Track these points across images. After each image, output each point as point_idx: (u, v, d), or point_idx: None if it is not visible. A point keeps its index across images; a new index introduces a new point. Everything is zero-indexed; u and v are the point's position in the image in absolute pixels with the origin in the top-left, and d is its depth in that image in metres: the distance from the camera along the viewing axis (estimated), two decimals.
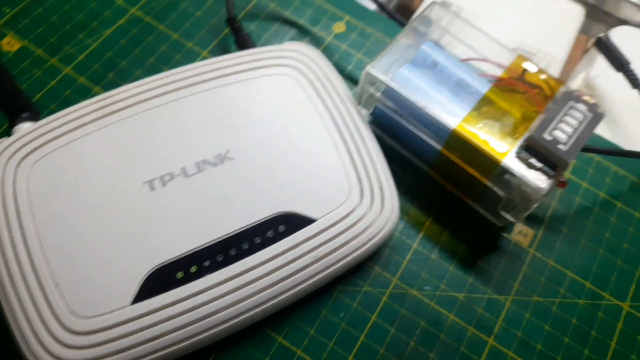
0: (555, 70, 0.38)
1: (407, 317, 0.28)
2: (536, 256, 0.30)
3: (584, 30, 0.46)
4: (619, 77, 0.36)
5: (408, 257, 0.30)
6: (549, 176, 0.26)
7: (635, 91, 0.35)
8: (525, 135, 0.27)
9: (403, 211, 0.31)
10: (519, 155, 0.27)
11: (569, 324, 0.29)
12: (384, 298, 0.28)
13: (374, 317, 0.28)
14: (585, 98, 0.28)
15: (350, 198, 0.27)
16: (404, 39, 0.30)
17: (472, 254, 0.30)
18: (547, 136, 0.26)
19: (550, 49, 0.38)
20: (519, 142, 0.27)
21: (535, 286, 0.30)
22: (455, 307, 0.29)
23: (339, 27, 0.35)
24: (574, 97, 0.27)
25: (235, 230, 0.25)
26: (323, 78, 0.30)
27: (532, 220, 0.31)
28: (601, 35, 0.37)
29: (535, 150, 0.26)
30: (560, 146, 0.26)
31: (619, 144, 0.36)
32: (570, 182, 0.33)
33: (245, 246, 0.25)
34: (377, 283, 0.29)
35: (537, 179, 0.26)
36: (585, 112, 0.27)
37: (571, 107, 0.27)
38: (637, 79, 0.35)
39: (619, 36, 0.41)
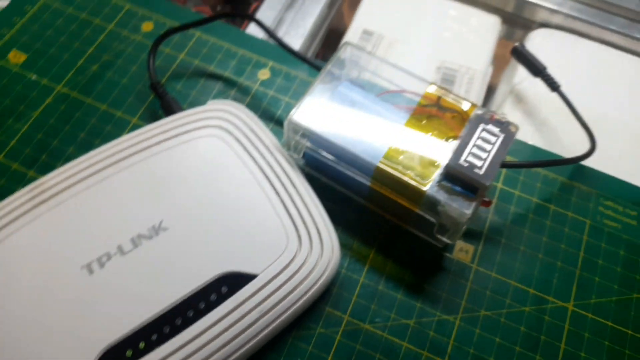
0: (478, 83, 0.39)
1: (362, 352, 0.29)
2: (479, 271, 0.31)
3: (506, 37, 0.47)
4: (540, 82, 0.38)
5: (356, 292, 0.30)
6: (472, 200, 0.27)
7: (555, 94, 0.37)
8: (444, 163, 0.28)
9: (346, 247, 0.32)
10: (440, 184, 0.28)
11: (518, 333, 0.30)
12: (338, 337, 0.29)
13: (330, 357, 0.29)
14: (497, 117, 0.29)
15: (289, 247, 0.28)
16: (321, 83, 0.31)
17: (417, 279, 0.31)
18: (463, 162, 0.27)
19: (472, 62, 0.40)
20: (439, 170, 0.28)
21: (481, 301, 0.31)
22: (407, 334, 0.30)
23: (264, 74, 0.36)
24: (485, 119, 0.29)
25: (179, 300, 0.26)
26: (249, 132, 0.30)
27: (471, 236, 0.32)
28: (516, 44, 0.38)
29: (454, 177, 0.27)
30: (476, 170, 0.27)
31: (547, 147, 0.37)
32: (502, 192, 0.34)
33: (191, 313, 0.26)
34: (330, 323, 0.29)
35: (461, 205, 0.27)
36: (497, 132, 0.28)
37: (483, 130, 0.28)
38: (554, 83, 0.37)
39: (541, 38, 0.43)
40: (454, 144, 0.29)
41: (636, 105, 0.40)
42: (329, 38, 0.45)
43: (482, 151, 0.28)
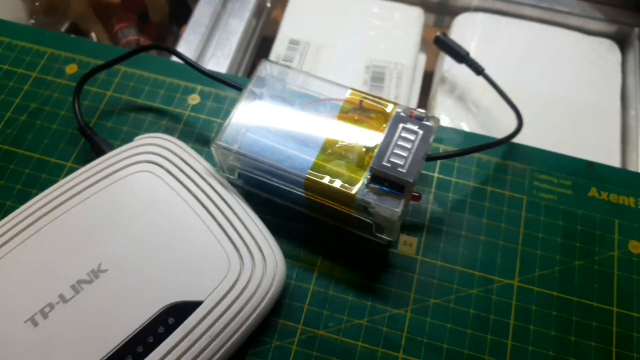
0: (407, 77, 0.40)
1: (319, 358, 0.30)
2: (424, 261, 0.32)
3: (436, 25, 0.48)
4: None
5: (307, 300, 0.31)
6: (400, 198, 0.28)
7: (480, 77, 0.38)
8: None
9: (293, 258, 0.32)
10: (368, 186, 0.28)
11: (468, 316, 0.31)
12: (294, 347, 0.30)
13: None
14: (417, 114, 0.30)
15: (231, 269, 0.29)
16: (243, 104, 0.31)
17: (366, 279, 0.32)
18: (386, 163, 0.28)
19: (399, 57, 0.41)
20: (367, 173, 0.29)
21: (429, 290, 0.32)
22: (361, 334, 0.30)
23: (194, 99, 0.37)
24: (404, 118, 0.29)
25: (126, 338, 0.26)
26: (179, 162, 0.31)
27: (414, 228, 0.33)
28: (438, 34, 0.39)
29: (379, 178, 0.28)
30: (400, 169, 0.28)
31: (482, 129, 0.38)
32: (439, 181, 0.35)
33: (140, 349, 0.26)
34: (284, 334, 0.30)
35: (390, 204, 0.28)
36: (416, 129, 0.29)
37: (403, 129, 0.29)
38: (478, 67, 0.38)
39: (465, 22, 0.44)
40: (378, 146, 0.29)
41: (562, 75, 0.41)
42: (265, 47, 0.46)
43: (403, 150, 0.28)
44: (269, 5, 0.46)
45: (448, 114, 0.39)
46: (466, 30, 0.43)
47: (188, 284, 0.28)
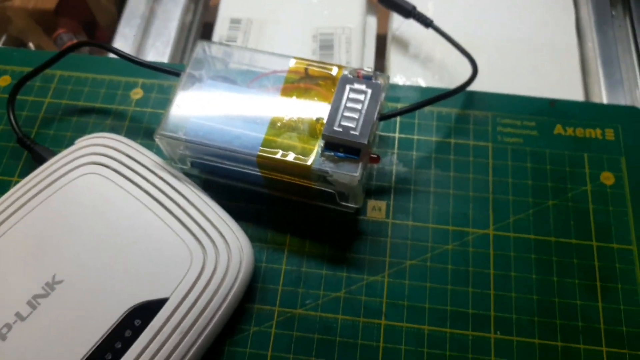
0: (357, 41, 0.38)
1: (300, 337, 0.29)
2: (396, 224, 0.31)
3: None
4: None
5: (281, 281, 0.30)
6: (357, 162, 0.27)
7: (430, 30, 0.37)
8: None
9: (261, 240, 0.31)
10: (324, 154, 0.27)
11: (446, 272, 0.30)
12: (273, 330, 0.29)
13: (269, 353, 0.28)
14: (364, 73, 0.29)
15: (194, 261, 0.27)
16: (182, 90, 0.30)
17: (338, 250, 0.31)
18: (337, 128, 0.27)
19: (346, 22, 0.39)
20: (320, 142, 0.28)
21: (404, 252, 0.31)
22: (340, 306, 0.29)
23: (137, 94, 0.35)
24: (351, 79, 0.28)
25: (93, 347, 0.25)
26: (125, 159, 0.29)
27: (381, 192, 0.32)
28: None
29: (333, 144, 0.27)
30: (352, 132, 0.27)
31: (440, 83, 0.37)
32: (401, 140, 0.34)
33: (109, 356, 0.25)
34: (262, 319, 0.29)
35: (348, 169, 0.27)
36: (364, 89, 0.28)
37: (351, 90, 0.28)
38: (426, 19, 0.36)
39: None
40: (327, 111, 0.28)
41: (515, 17, 0.40)
42: (209, 32, 0.44)
43: (354, 112, 0.27)
44: None
45: (404, 73, 0.38)
46: None
47: (151, 283, 0.27)
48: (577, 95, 0.37)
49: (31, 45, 0.48)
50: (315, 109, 0.29)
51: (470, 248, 0.31)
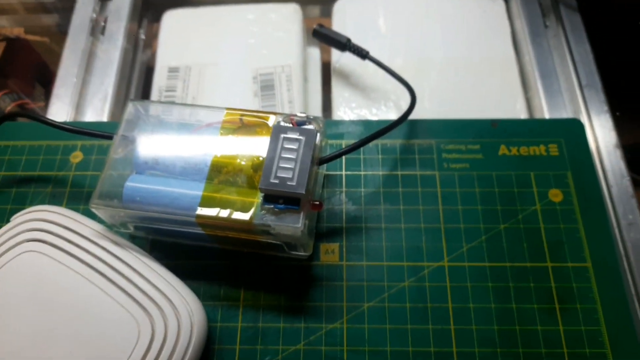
0: (297, 77, 0.38)
1: None
2: (350, 266, 0.31)
3: (322, 15, 0.47)
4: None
5: (238, 339, 0.29)
6: (298, 212, 0.26)
7: (367, 61, 0.36)
8: None
9: (215, 298, 0.30)
10: (264, 208, 0.27)
11: (405, 311, 0.29)
12: None
13: None
14: (297, 119, 0.28)
15: (142, 331, 0.26)
16: (117, 151, 0.29)
17: (294, 300, 0.30)
18: (273, 180, 0.26)
19: (285, 59, 0.39)
20: (260, 194, 0.27)
21: (361, 295, 0.30)
22: (300, 359, 0.29)
23: (76, 157, 0.34)
24: (284, 127, 0.28)
25: None
26: (64, 232, 0.28)
27: (333, 234, 0.32)
28: (314, 26, 0.37)
29: (271, 197, 0.26)
30: (289, 183, 0.26)
31: (385, 114, 0.37)
32: (348, 178, 0.33)
33: None
34: None
35: (290, 221, 0.26)
36: (298, 136, 0.27)
37: (285, 140, 0.27)
38: (362, 51, 0.36)
39: (345, 6, 0.42)
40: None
41: (452, 37, 0.40)
42: (150, 79, 0.43)
43: (289, 162, 0.27)
44: (143, 37, 0.44)
45: (348, 105, 0.37)
46: (346, 14, 0.41)
47: (99, 357, 0.26)
48: (521, 111, 0.37)
49: None
50: (253, 160, 0.28)
51: (426, 283, 0.30)
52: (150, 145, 0.29)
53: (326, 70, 0.43)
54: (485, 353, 0.28)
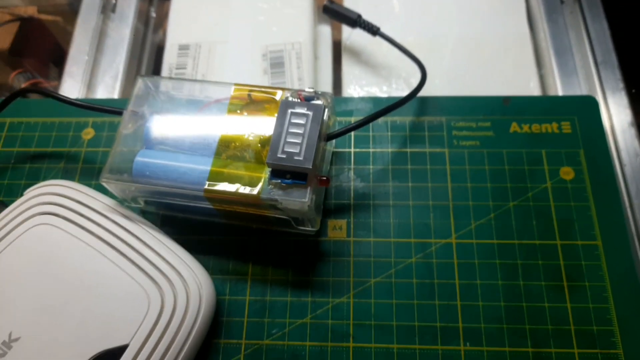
0: (307, 54, 0.38)
1: None
2: (358, 242, 0.31)
3: None
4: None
5: (246, 312, 0.30)
6: (305, 187, 0.26)
7: (378, 37, 0.36)
8: None
9: (223, 272, 0.31)
10: (271, 183, 0.27)
11: (412, 287, 0.30)
12: None
13: None
14: (305, 95, 0.28)
15: (152, 304, 0.27)
16: (127, 126, 0.29)
17: (301, 274, 0.30)
18: (281, 154, 0.26)
19: (295, 36, 0.39)
20: (267, 169, 0.27)
21: (368, 271, 0.30)
22: (307, 333, 0.29)
23: (88, 134, 0.35)
24: (292, 102, 0.28)
25: None
26: (76, 206, 0.29)
27: (340, 210, 0.32)
28: (325, 3, 0.37)
29: (279, 172, 0.27)
30: (296, 158, 0.26)
31: (395, 91, 0.37)
32: (357, 155, 0.33)
33: None
34: (229, 354, 0.29)
35: (297, 195, 0.26)
36: (305, 112, 0.27)
37: (292, 114, 0.27)
38: (372, 27, 0.36)
39: None
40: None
41: (465, 13, 0.39)
42: (160, 58, 0.44)
43: (296, 137, 0.27)
44: (153, 15, 0.44)
45: (357, 83, 0.37)
46: None
47: (110, 330, 0.26)
48: (534, 89, 0.36)
49: None
50: (261, 136, 0.28)
51: (434, 259, 0.30)
52: (160, 120, 0.30)
53: (336, 49, 0.43)
54: (491, 328, 0.28)
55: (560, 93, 0.36)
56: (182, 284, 0.28)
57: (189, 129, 0.29)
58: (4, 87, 0.53)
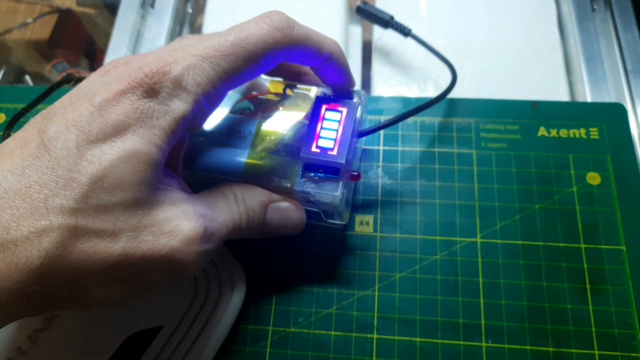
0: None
1: (294, 355, 0.29)
2: (384, 237, 0.32)
3: None
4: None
5: (273, 300, 0.31)
6: (337, 181, 0.27)
7: (409, 39, 0.37)
8: None
9: (253, 260, 0.31)
10: (304, 176, 0.28)
11: (436, 283, 0.30)
12: (268, 350, 0.30)
13: None
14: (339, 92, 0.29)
15: (186, 288, 0.28)
16: None
17: (328, 266, 0.31)
18: (314, 149, 0.27)
19: (326, 34, 0.40)
20: (301, 163, 0.28)
21: (393, 265, 0.31)
22: (332, 323, 0.30)
23: None
24: (326, 98, 0.28)
25: None
26: None
27: (368, 206, 0.33)
28: (359, 3, 0.38)
29: (312, 166, 0.27)
30: (330, 152, 0.27)
31: (424, 93, 0.38)
32: (386, 153, 0.34)
33: None
34: (256, 339, 0.30)
35: (329, 189, 0.27)
36: (340, 108, 0.28)
37: (327, 110, 0.28)
38: (404, 29, 0.37)
39: None
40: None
41: (496, 18, 0.40)
42: None
43: (330, 132, 0.28)
44: (190, 10, 0.45)
45: (387, 83, 0.38)
46: None
47: (145, 311, 0.28)
48: (563, 94, 0.37)
49: (28, 79, 0.49)
50: (296, 130, 0.29)
51: (458, 257, 0.31)
52: None
53: (366, 50, 0.43)
54: (513, 327, 0.29)
55: (589, 100, 0.37)
56: (214, 270, 0.29)
57: (225, 122, 0.30)
58: (39, 76, 0.55)
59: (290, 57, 0.26)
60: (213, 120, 0.30)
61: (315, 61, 0.27)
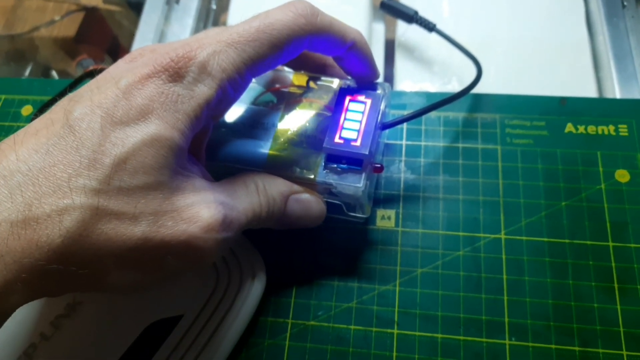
0: None
1: (313, 349, 0.29)
2: (406, 232, 0.31)
3: None
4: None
5: (293, 293, 0.30)
6: (360, 172, 0.27)
7: (433, 34, 0.36)
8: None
9: (273, 253, 0.31)
10: (327, 167, 0.28)
11: (458, 279, 0.30)
12: (287, 342, 0.29)
13: None
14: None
15: (208, 278, 0.28)
16: None
17: (349, 260, 0.31)
18: (338, 140, 0.27)
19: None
20: (323, 154, 0.28)
21: (414, 260, 0.31)
22: (352, 317, 0.30)
23: None
24: (350, 90, 0.28)
25: None
26: None
27: (390, 200, 0.32)
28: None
29: (335, 157, 0.27)
30: (353, 144, 0.27)
31: (448, 88, 0.37)
32: (408, 147, 0.34)
33: None
34: (275, 332, 0.30)
35: (352, 180, 0.27)
36: (364, 99, 0.28)
37: (351, 102, 0.28)
38: (429, 24, 0.36)
39: None
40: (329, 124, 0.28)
41: (522, 14, 0.39)
42: None
43: (354, 123, 0.27)
44: (214, 7, 0.45)
45: (410, 78, 0.38)
46: None
47: (166, 300, 0.28)
48: (590, 91, 0.36)
49: (54, 74, 0.50)
50: (318, 122, 0.29)
51: (481, 253, 0.30)
52: None
53: (388, 47, 0.43)
54: (538, 325, 0.28)
55: (618, 96, 0.36)
56: (236, 261, 0.29)
57: (248, 114, 0.30)
58: (65, 73, 0.56)
59: (314, 45, 0.26)
60: (236, 112, 0.31)
61: (339, 50, 0.27)
